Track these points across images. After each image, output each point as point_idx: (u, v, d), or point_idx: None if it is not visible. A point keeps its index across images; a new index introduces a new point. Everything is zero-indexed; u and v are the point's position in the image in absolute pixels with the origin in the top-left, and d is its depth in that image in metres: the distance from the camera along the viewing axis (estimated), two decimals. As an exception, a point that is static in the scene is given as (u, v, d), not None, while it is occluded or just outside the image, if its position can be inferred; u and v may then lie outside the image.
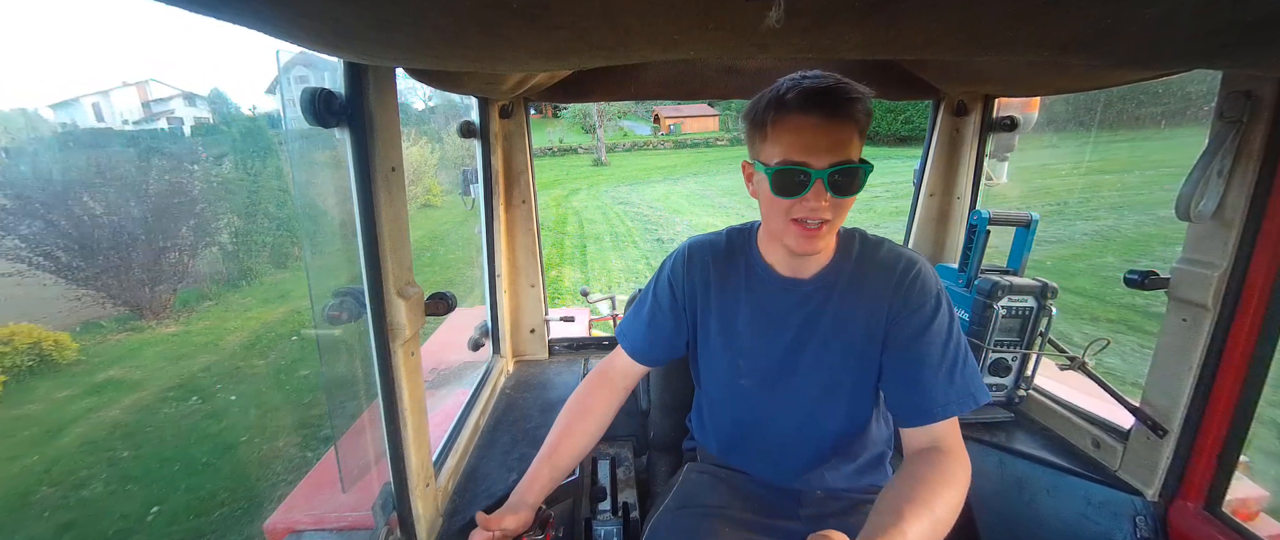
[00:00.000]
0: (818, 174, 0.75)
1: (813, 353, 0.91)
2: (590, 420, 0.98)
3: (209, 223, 8.03)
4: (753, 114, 0.82)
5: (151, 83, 32.96)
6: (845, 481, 0.99)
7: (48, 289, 6.49)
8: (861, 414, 0.95)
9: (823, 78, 0.76)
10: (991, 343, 1.19)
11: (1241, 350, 0.86)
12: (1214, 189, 0.84)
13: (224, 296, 7.86)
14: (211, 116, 31.69)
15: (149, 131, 26.97)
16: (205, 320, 6.98)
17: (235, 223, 8.71)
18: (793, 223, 0.79)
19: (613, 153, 30.21)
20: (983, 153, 1.49)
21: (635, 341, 1.01)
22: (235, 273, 8.39)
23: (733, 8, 0.43)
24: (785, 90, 0.77)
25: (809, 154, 0.75)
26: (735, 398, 0.99)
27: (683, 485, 1.03)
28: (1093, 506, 1.06)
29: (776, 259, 0.92)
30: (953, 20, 0.47)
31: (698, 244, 1.00)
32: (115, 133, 25.52)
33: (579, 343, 1.80)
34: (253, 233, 8.88)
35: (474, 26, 0.47)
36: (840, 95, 0.74)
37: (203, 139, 17.42)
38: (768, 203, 0.82)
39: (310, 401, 4.60)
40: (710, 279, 0.96)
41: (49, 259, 6.43)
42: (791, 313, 0.91)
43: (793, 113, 0.76)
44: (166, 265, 7.13)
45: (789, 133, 0.76)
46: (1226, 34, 0.46)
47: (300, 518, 1.14)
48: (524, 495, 0.89)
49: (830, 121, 0.75)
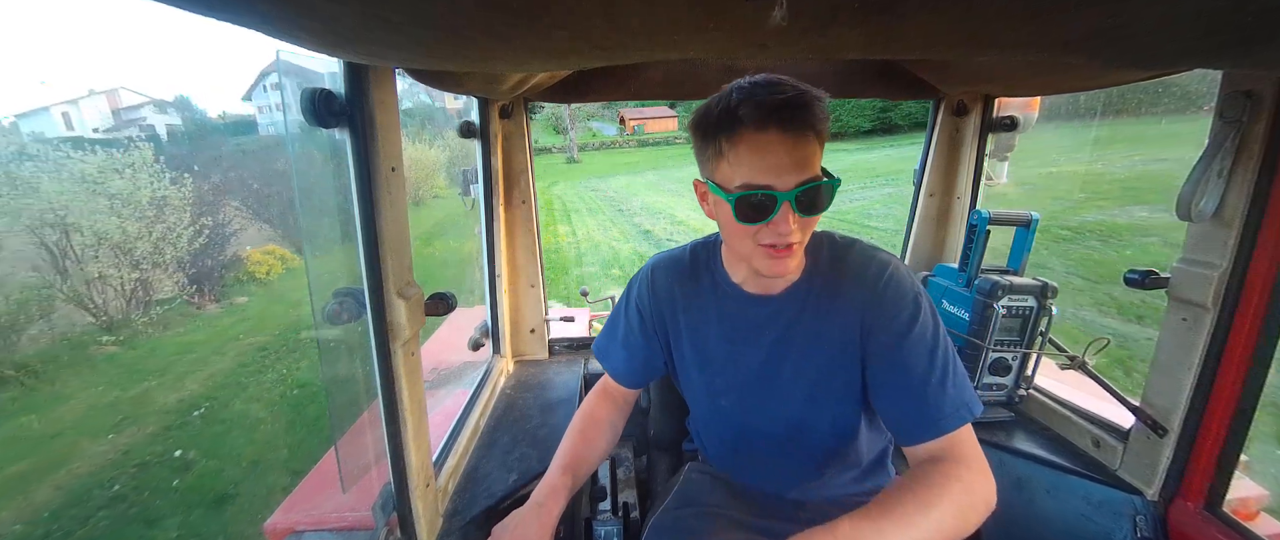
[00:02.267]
0: (784, 196, 0.69)
1: (791, 366, 0.88)
2: (604, 429, 0.96)
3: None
4: (702, 127, 0.74)
5: (121, 90, 32.90)
6: (846, 487, 0.98)
7: (263, 232, 9.86)
8: (849, 422, 0.92)
9: (777, 86, 0.68)
10: (992, 342, 1.19)
11: (1241, 350, 0.86)
12: (1214, 189, 0.84)
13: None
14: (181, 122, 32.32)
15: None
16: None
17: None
18: (760, 246, 0.73)
19: (583, 151, 32.80)
20: (983, 153, 1.49)
21: (617, 365, 0.99)
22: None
23: (734, 8, 0.43)
24: (737, 103, 0.69)
25: (772, 175, 0.68)
26: (718, 415, 0.97)
27: (684, 485, 1.03)
28: (1093, 506, 1.06)
29: (743, 277, 0.87)
30: (953, 20, 0.47)
31: (661, 264, 0.95)
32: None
33: (579, 343, 1.80)
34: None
35: (474, 27, 0.47)
36: (800, 106, 0.67)
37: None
38: (730, 228, 0.75)
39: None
40: (676, 300, 0.93)
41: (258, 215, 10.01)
42: (763, 330, 0.87)
43: (748, 129, 0.68)
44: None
45: (748, 152, 0.69)
46: (1226, 34, 0.46)
47: (300, 518, 1.14)
48: (546, 510, 0.82)
49: (792, 136, 0.68)
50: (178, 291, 7.45)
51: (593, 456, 0.94)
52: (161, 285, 7.21)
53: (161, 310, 7.13)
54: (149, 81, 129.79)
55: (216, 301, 7.68)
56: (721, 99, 0.72)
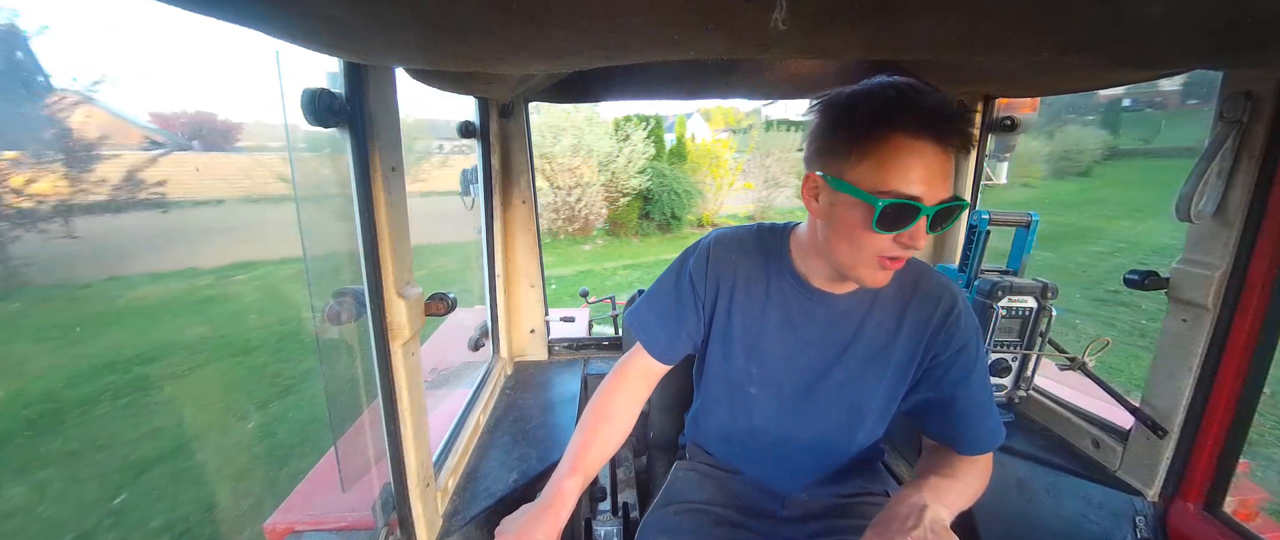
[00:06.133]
0: (927, 210, 0.66)
1: (844, 375, 0.87)
2: (615, 425, 0.91)
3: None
4: (845, 120, 0.70)
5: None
6: (834, 486, 0.99)
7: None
8: (874, 434, 0.94)
9: (936, 95, 0.66)
10: (991, 343, 1.19)
11: (1241, 350, 0.86)
12: (1214, 189, 0.84)
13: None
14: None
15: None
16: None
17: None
18: (878, 256, 0.70)
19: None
20: (983, 153, 1.49)
21: (657, 338, 0.92)
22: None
23: (734, 9, 0.43)
24: (896, 104, 0.65)
25: (923, 186, 0.65)
26: (739, 401, 0.96)
27: (670, 484, 1.03)
28: (1092, 507, 1.06)
29: (811, 270, 0.84)
30: (953, 20, 0.47)
31: (725, 237, 0.91)
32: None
33: (579, 343, 1.80)
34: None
35: (474, 27, 0.47)
36: (957, 119, 0.65)
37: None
38: (854, 233, 0.71)
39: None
40: (736, 277, 0.89)
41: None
42: (821, 329, 0.86)
43: (903, 135, 0.65)
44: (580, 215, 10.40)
45: (904, 157, 0.65)
46: (1226, 34, 0.46)
47: (300, 518, 1.14)
48: (554, 509, 0.80)
49: (945, 150, 0.66)
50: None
51: (604, 452, 0.90)
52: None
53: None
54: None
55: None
56: (870, 96, 0.68)
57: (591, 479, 0.89)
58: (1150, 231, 8.34)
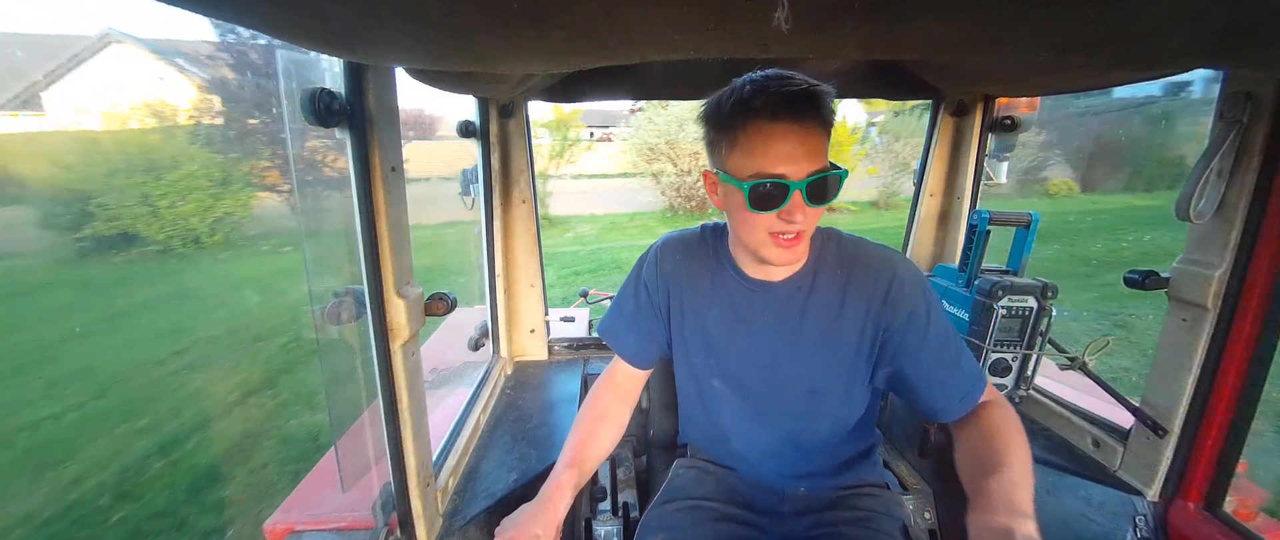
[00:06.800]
0: (796, 185, 0.71)
1: (795, 360, 0.89)
2: (608, 424, 0.96)
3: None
4: (714, 118, 0.77)
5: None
6: (831, 478, 0.99)
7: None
8: (848, 417, 0.94)
9: (787, 79, 0.71)
10: (991, 343, 1.19)
11: (1241, 350, 0.86)
12: (1214, 189, 0.84)
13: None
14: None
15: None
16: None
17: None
18: (770, 235, 0.76)
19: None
20: (983, 153, 1.49)
21: (626, 344, 0.99)
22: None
23: (735, 8, 0.43)
24: (750, 94, 0.71)
25: (784, 164, 0.70)
26: (710, 396, 0.98)
27: (671, 480, 1.04)
28: (1093, 506, 1.06)
29: (744, 262, 0.89)
30: (953, 20, 0.47)
31: (670, 242, 0.96)
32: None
33: (579, 343, 1.80)
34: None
35: (474, 27, 0.47)
36: (810, 98, 0.70)
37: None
38: (741, 216, 0.77)
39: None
40: (682, 278, 0.94)
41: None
42: (768, 317, 0.89)
43: (761, 120, 0.71)
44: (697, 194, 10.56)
45: (761, 142, 0.71)
46: (1226, 34, 0.46)
47: (300, 518, 1.14)
48: (552, 504, 0.82)
49: (802, 127, 0.70)
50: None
51: (599, 450, 0.94)
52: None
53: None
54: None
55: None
56: (733, 91, 0.74)
57: (588, 476, 0.91)
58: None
